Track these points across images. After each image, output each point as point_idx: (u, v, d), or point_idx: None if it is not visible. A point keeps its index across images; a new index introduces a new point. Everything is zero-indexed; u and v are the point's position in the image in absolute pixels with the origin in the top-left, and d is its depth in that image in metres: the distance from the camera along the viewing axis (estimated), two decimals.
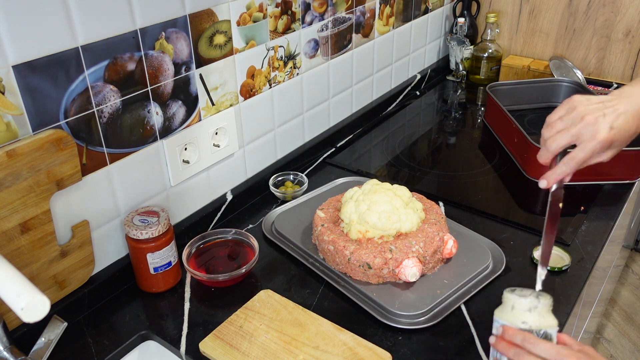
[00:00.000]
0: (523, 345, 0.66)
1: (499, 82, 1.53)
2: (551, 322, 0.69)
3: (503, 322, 0.70)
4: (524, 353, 0.65)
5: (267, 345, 0.82)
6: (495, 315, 0.72)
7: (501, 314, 0.71)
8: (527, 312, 0.69)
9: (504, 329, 0.69)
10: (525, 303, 0.69)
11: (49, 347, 0.74)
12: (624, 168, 1.20)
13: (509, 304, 0.71)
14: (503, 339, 0.68)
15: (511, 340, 0.67)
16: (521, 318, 0.68)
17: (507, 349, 0.67)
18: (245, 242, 1.01)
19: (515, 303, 0.70)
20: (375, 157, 1.38)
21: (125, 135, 0.89)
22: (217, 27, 0.99)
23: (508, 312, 0.70)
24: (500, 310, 0.72)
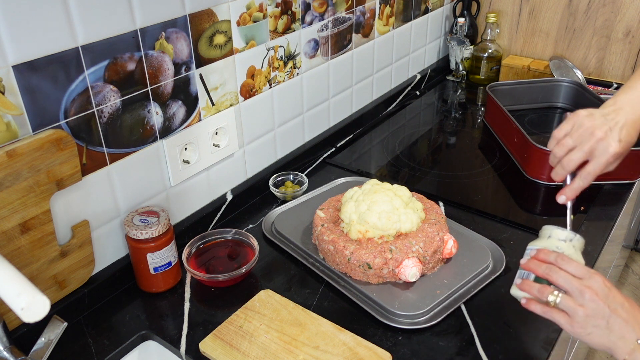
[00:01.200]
0: (556, 262, 0.69)
1: (499, 82, 1.53)
2: (581, 259, 0.72)
3: (538, 247, 0.72)
4: (556, 269, 0.68)
5: (267, 345, 0.82)
6: (529, 245, 0.74)
7: (537, 242, 0.74)
8: (562, 242, 0.71)
9: (538, 251, 0.71)
10: (562, 234, 0.72)
11: (49, 347, 0.74)
12: (624, 168, 1.19)
13: (545, 234, 0.73)
14: (536, 258, 0.71)
15: (545, 258, 0.70)
16: (556, 244, 0.71)
17: (538, 266, 0.70)
18: (245, 242, 1.01)
19: (553, 232, 0.72)
20: (375, 157, 1.38)
21: (125, 135, 0.89)
22: (217, 27, 0.99)
23: (544, 240, 0.73)
24: (536, 241, 0.74)
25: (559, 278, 0.68)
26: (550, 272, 0.69)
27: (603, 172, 0.82)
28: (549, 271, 0.69)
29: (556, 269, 0.69)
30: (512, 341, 0.83)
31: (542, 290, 0.69)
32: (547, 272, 0.69)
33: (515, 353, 0.81)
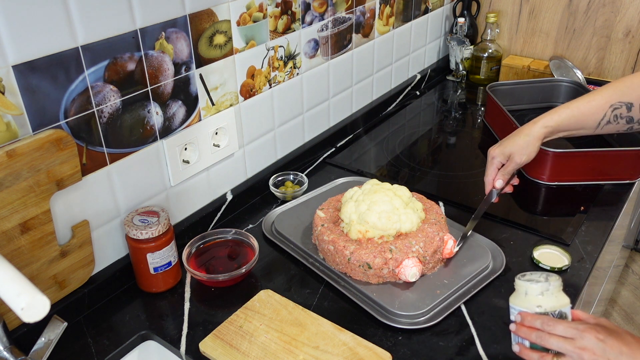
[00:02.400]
0: (543, 328, 0.70)
1: (499, 82, 1.53)
2: (564, 302, 0.72)
3: (519, 308, 0.73)
4: (545, 335, 0.69)
5: (267, 345, 0.82)
6: (510, 303, 0.75)
7: (516, 300, 0.74)
8: (540, 296, 0.72)
9: (522, 315, 0.72)
10: (537, 288, 0.72)
11: (49, 347, 0.74)
12: (624, 168, 1.20)
13: (522, 291, 0.73)
14: (523, 325, 0.72)
15: (531, 325, 0.71)
16: (535, 302, 0.72)
17: (529, 334, 0.71)
18: (245, 242, 1.01)
19: (528, 289, 0.73)
20: (375, 157, 1.38)
21: (125, 135, 0.89)
22: (217, 27, 0.99)
23: (522, 298, 0.73)
24: (515, 297, 0.75)
25: (553, 344, 0.69)
26: (542, 340, 0.70)
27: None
28: (540, 340, 0.70)
29: (546, 336, 0.69)
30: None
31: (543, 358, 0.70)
32: (539, 341, 0.70)
33: (515, 353, 0.81)
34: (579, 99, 0.98)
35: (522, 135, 0.98)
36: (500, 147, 0.99)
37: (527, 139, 0.97)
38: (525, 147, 0.97)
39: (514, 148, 0.98)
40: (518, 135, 0.98)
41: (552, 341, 0.69)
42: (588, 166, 1.19)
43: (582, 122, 0.97)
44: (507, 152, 0.99)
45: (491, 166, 1.01)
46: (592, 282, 1.23)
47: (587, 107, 0.96)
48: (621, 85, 0.95)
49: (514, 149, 0.98)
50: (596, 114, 0.95)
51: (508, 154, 0.99)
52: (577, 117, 0.96)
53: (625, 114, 0.93)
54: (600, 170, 1.20)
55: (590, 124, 0.97)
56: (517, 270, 0.97)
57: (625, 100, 0.93)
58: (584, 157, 1.20)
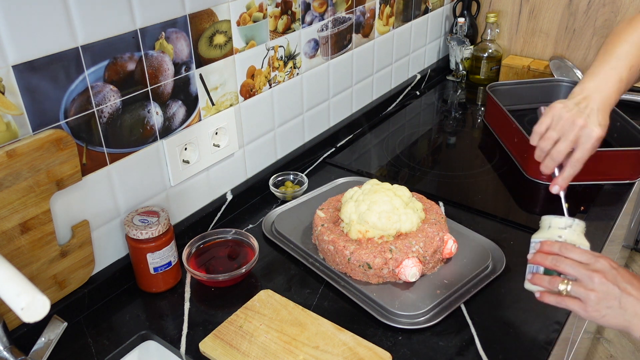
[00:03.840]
0: (560, 252, 0.71)
1: (499, 82, 1.53)
2: (584, 242, 0.73)
3: (540, 239, 0.74)
4: (561, 258, 0.70)
5: (267, 345, 0.82)
6: (532, 238, 0.76)
7: (538, 235, 0.76)
8: (562, 229, 0.73)
9: (542, 243, 0.73)
10: (562, 221, 0.73)
11: (49, 347, 0.74)
12: (624, 168, 1.20)
13: (545, 225, 0.75)
14: (541, 251, 0.73)
15: (549, 250, 0.72)
16: (557, 233, 0.73)
17: (544, 258, 0.72)
18: (245, 242, 1.01)
19: (552, 222, 0.74)
20: (375, 157, 1.38)
21: (125, 135, 0.89)
22: (217, 27, 0.99)
23: (545, 231, 0.75)
24: (538, 233, 0.76)
25: (566, 267, 0.70)
26: (557, 262, 0.70)
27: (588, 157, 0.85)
28: (556, 262, 0.71)
29: (562, 259, 0.70)
30: (512, 341, 0.83)
31: (552, 281, 0.71)
32: (554, 263, 0.71)
33: (515, 353, 0.81)
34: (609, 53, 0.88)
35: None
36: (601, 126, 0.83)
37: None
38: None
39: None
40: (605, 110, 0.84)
41: (567, 263, 0.69)
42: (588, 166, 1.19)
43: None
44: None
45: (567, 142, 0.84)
46: None
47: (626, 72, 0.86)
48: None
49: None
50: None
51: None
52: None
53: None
54: (600, 170, 1.20)
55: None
56: (517, 270, 0.97)
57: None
58: None
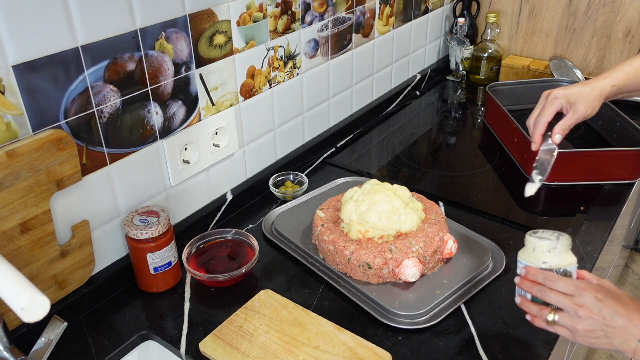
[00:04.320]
0: (544, 283, 0.72)
1: (499, 82, 1.53)
2: (570, 260, 0.74)
3: (526, 263, 0.76)
4: (546, 290, 0.72)
5: (267, 345, 0.82)
6: (518, 257, 0.77)
7: (523, 255, 0.77)
8: (547, 253, 0.74)
9: (527, 269, 0.75)
10: (545, 245, 0.74)
11: (49, 347, 0.74)
12: (624, 168, 1.20)
13: (530, 246, 0.76)
14: (527, 279, 0.74)
15: (534, 279, 0.74)
16: (541, 259, 0.74)
17: (530, 287, 0.73)
18: (245, 242, 1.01)
19: (536, 245, 0.75)
20: (375, 157, 1.38)
21: (125, 135, 0.89)
22: (217, 27, 0.99)
23: (530, 253, 0.75)
24: (523, 252, 0.77)
25: (552, 299, 0.72)
26: (542, 294, 0.72)
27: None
28: (541, 293, 0.72)
29: (547, 290, 0.72)
30: (512, 341, 0.83)
31: (541, 313, 0.73)
32: (540, 295, 0.73)
33: (515, 353, 0.81)
34: (631, 60, 0.93)
35: (590, 87, 0.90)
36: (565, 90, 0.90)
37: (595, 92, 0.89)
38: (592, 99, 0.89)
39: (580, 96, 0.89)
40: (586, 85, 0.90)
41: (551, 296, 0.71)
42: (588, 166, 1.19)
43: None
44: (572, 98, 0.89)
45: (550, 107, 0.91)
46: None
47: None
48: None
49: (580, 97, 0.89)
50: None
51: (573, 101, 0.90)
52: (637, 76, 0.92)
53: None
54: (600, 170, 1.20)
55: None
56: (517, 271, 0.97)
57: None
58: (584, 157, 1.20)
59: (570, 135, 1.42)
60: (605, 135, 1.38)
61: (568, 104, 0.90)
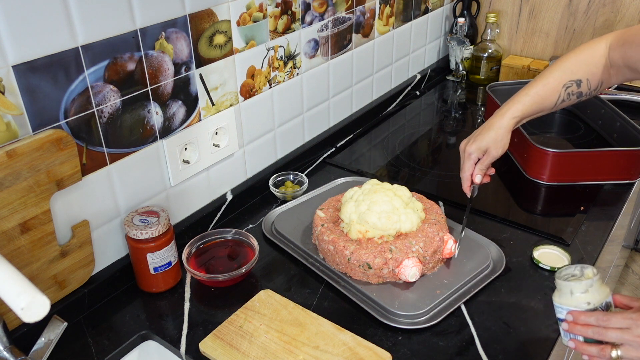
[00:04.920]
0: (598, 324, 0.72)
1: (499, 82, 1.53)
2: (606, 292, 0.75)
3: (568, 307, 0.75)
4: (602, 330, 0.72)
5: (267, 345, 0.82)
6: (556, 302, 0.77)
7: (562, 300, 0.76)
8: (586, 294, 0.74)
9: (574, 315, 0.75)
10: (582, 286, 0.74)
11: (49, 347, 0.74)
12: (624, 168, 1.20)
13: (566, 291, 0.76)
14: (577, 324, 0.74)
15: (586, 322, 0.74)
16: (583, 300, 0.74)
17: (585, 331, 0.74)
18: (245, 242, 1.01)
19: (573, 288, 0.75)
20: (375, 157, 1.38)
21: (125, 135, 0.89)
22: (217, 27, 0.99)
23: (569, 297, 0.75)
24: (560, 297, 0.77)
25: (612, 337, 0.71)
26: (600, 335, 0.72)
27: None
28: (599, 335, 0.72)
29: (603, 330, 0.72)
30: (512, 341, 0.83)
31: (603, 353, 0.73)
32: (598, 336, 0.73)
33: (515, 353, 0.81)
34: (532, 83, 1.01)
35: (495, 129, 1.00)
36: (475, 143, 1.01)
37: (500, 132, 0.99)
38: (499, 140, 1.00)
39: (489, 143, 1.00)
40: (490, 129, 1.00)
41: (610, 334, 0.71)
42: (588, 166, 1.19)
43: (542, 105, 1.01)
44: (483, 147, 1.00)
45: (468, 162, 1.02)
46: None
47: (544, 91, 0.99)
48: (568, 63, 0.99)
49: (490, 143, 1.00)
50: (552, 96, 1.00)
51: (485, 149, 1.00)
52: (538, 102, 1.00)
53: (576, 91, 0.99)
54: (600, 170, 1.20)
55: (548, 106, 1.01)
56: (517, 270, 0.97)
57: (575, 78, 0.99)
58: (584, 157, 1.20)
59: (571, 135, 1.43)
60: (605, 135, 1.38)
61: (482, 153, 1.01)
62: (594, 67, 0.98)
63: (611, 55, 0.97)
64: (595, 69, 0.98)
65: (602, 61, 0.97)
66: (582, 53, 0.99)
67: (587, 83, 0.99)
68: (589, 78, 0.98)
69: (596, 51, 0.98)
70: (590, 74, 0.98)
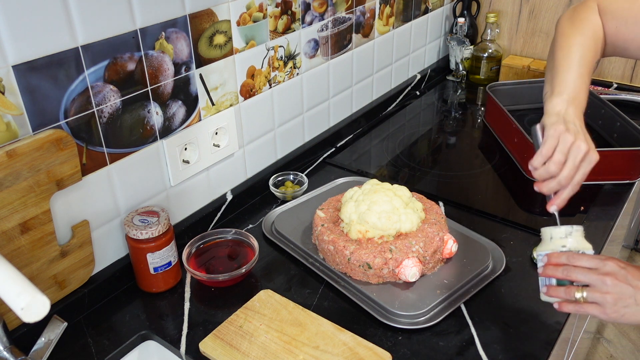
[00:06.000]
0: (569, 262, 0.74)
1: (499, 82, 1.53)
2: (587, 245, 0.77)
3: (546, 252, 0.77)
4: (571, 268, 0.74)
5: (267, 345, 0.82)
6: (536, 252, 0.80)
7: (542, 247, 0.79)
8: (564, 238, 0.76)
9: (548, 256, 0.76)
10: (562, 230, 0.77)
11: (49, 347, 0.74)
12: (624, 168, 1.19)
13: (547, 237, 0.78)
14: (550, 264, 0.76)
15: (557, 261, 0.75)
16: (560, 243, 0.76)
17: (555, 270, 0.75)
18: (245, 242, 1.01)
19: (553, 233, 0.77)
20: (375, 157, 1.38)
21: (125, 135, 0.89)
22: (217, 27, 0.99)
23: (548, 243, 0.78)
24: (540, 245, 0.79)
25: (578, 275, 0.73)
26: (568, 273, 0.74)
27: None
28: (567, 272, 0.74)
29: (572, 268, 0.74)
30: (512, 341, 0.83)
31: (568, 291, 0.74)
32: (566, 274, 0.74)
33: (515, 353, 0.81)
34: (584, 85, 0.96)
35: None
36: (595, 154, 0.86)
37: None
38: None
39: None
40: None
41: (577, 272, 0.73)
42: None
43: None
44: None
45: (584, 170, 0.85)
46: None
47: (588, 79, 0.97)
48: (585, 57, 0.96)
49: None
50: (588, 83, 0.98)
51: None
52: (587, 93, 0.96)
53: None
54: (600, 170, 1.19)
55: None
56: (517, 270, 0.97)
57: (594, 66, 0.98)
58: None
59: None
60: (605, 135, 1.38)
61: None
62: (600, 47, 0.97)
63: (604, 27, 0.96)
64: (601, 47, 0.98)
65: (602, 35, 0.97)
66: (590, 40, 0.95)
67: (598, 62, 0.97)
68: (598, 59, 0.99)
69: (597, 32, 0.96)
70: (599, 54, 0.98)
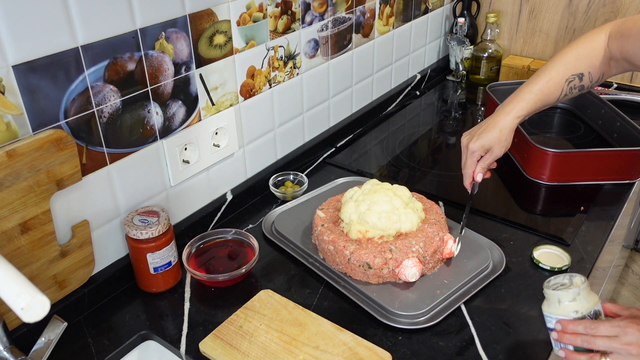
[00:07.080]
0: (587, 332, 0.72)
1: (499, 82, 1.53)
2: (595, 300, 0.75)
3: (557, 317, 0.75)
4: (591, 338, 0.72)
5: (267, 345, 0.82)
6: (545, 312, 0.77)
7: (551, 309, 0.76)
8: (574, 302, 0.74)
9: (562, 323, 0.74)
10: (570, 294, 0.74)
11: (49, 347, 0.74)
12: (624, 168, 1.20)
13: (554, 300, 0.76)
14: (566, 332, 0.74)
15: (574, 331, 0.73)
16: (571, 308, 0.74)
17: (574, 340, 0.73)
18: (245, 242, 1.01)
19: (561, 297, 0.75)
20: (375, 157, 1.38)
21: (125, 135, 0.89)
22: (217, 27, 0.99)
23: (557, 306, 0.75)
24: (548, 306, 0.77)
25: (600, 345, 0.71)
26: (589, 343, 0.72)
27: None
28: (588, 342, 0.72)
29: (592, 338, 0.72)
30: (512, 341, 0.83)
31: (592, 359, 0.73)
32: (587, 344, 0.72)
33: (515, 353, 0.81)
34: (535, 79, 1.01)
35: (499, 129, 1.00)
36: (479, 141, 1.01)
37: (505, 132, 1.00)
38: (503, 140, 1.00)
39: (493, 142, 1.00)
40: (494, 128, 1.00)
41: (599, 342, 0.71)
42: (588, 166, 1.19)
43: (545, 101, 1.01)
44: (487, 146, 1.00)
45: (471, 159, 1.03)
46: (592, 282, 1.23)
47: (547, 87, 1.00)
48: (569, 57, 0.99)
49: (494, 143, 1.00)
50: (556, 92, 1.00)
51: (488, 148, 1.01)
52: (542, 99, 1.00)
53: (578, 84, 0.99)
54: (600, 170, 1.20)
55: (551, 101, 1.01)
56: (517, 270, 0.97)
57: (577, 72, 0.99)
58: (584, 157, 1.20)
59: (571, 135, 1.43)
60: (605, 135, 1.38)
61: (485, 151, 1.01)
62: (595, 60, 0.98)
63: (610, 46, 0.96)
64: (596, 62, 0.97)
65: (602, 53, 0.97)
66: (583, 45, 0.99)
67: (589, 76, 0.99)
68: (591, 71, 0.98)
69: (596, 43, 0.98)
70: (591, 67, 0.98)
